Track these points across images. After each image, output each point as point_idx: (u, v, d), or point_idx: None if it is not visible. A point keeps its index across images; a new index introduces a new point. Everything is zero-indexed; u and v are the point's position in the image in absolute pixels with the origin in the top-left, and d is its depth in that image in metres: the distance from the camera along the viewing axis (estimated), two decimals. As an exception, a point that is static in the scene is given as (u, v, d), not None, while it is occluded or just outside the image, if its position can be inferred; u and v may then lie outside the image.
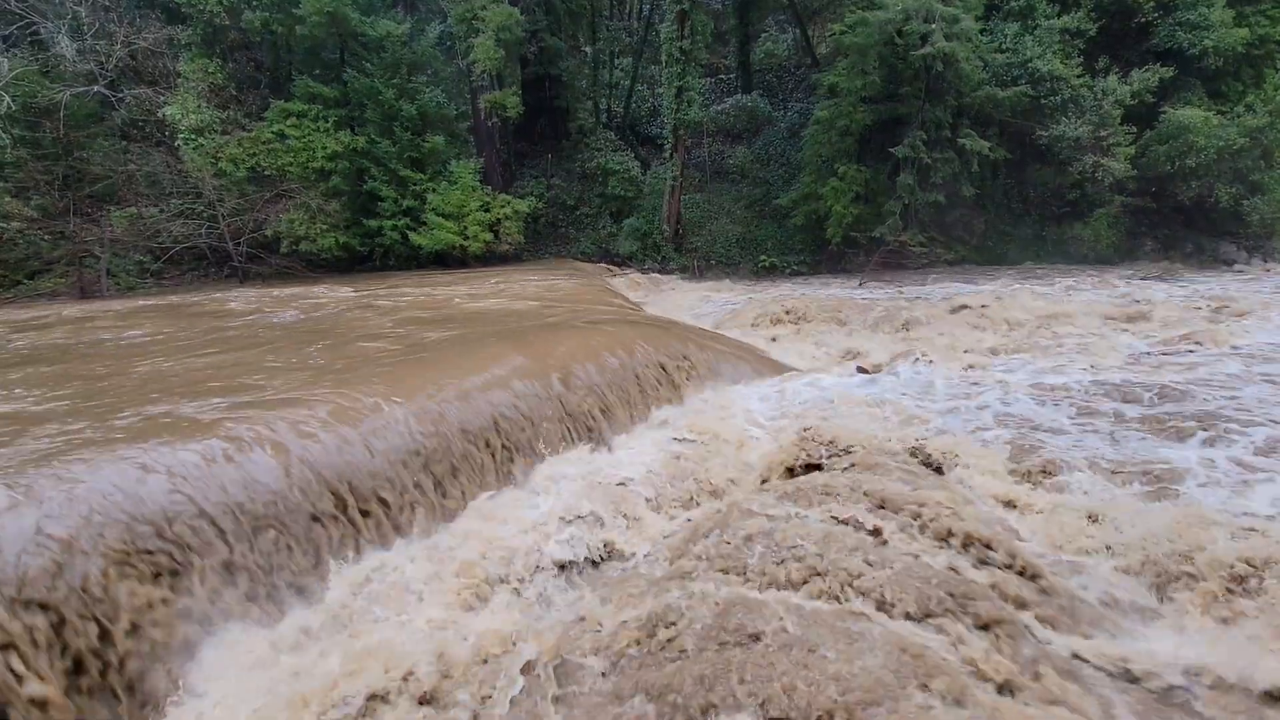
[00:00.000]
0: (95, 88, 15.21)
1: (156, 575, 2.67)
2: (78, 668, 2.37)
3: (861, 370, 7.34)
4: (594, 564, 3.56)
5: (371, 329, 7.44)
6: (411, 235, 17.91)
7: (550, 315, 8.38)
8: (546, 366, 5.18)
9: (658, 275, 19.77)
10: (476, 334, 6.47)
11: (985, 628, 2.58)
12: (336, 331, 7.43)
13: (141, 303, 12.71)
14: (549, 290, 12.24)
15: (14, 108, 13.67)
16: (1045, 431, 5.05)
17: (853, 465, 3.91)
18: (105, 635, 2.46)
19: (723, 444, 4.93)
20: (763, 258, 20.82)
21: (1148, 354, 7.72)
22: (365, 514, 3.43)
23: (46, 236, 14.91)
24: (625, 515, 3.85)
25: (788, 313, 11.15)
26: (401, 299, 11.10)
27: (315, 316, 9.22)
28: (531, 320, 7.88)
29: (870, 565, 2.84)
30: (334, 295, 12.09)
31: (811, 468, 4.05)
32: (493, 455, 4.24)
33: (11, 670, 2.19)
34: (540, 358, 5.29)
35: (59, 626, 2.36)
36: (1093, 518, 3.61)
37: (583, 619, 2.91)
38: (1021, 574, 2.97)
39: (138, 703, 2.49)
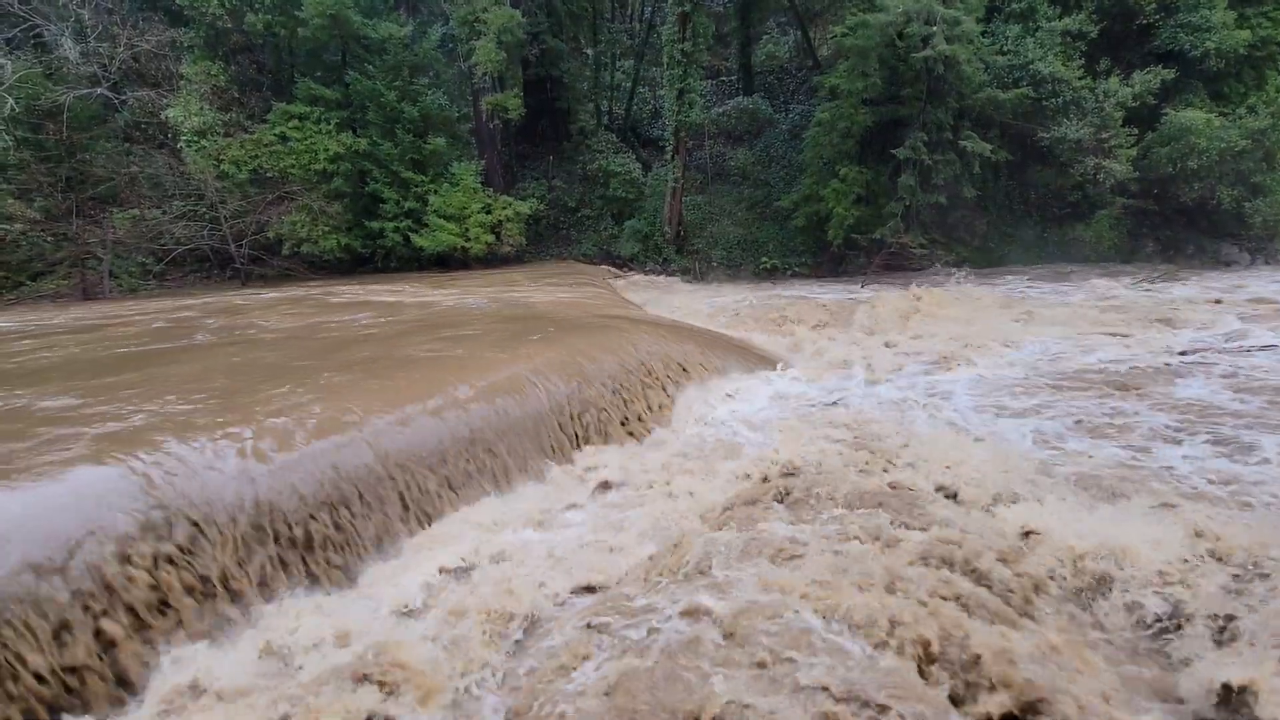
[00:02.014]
0: (98, 90, 15.26)
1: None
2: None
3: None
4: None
5: (574, 315, 9.17)
6: (413, 237, 17.94)
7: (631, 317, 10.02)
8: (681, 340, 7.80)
9: (659, 277, 19.79)
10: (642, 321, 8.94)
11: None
12: (549, 316, 9.02)
13: (286, 293, 13.52)
14: (590, 296, 13.11)
15: (17, 110, 13.72)
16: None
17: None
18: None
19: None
20: (764, 259, 20.81)
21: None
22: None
23: (49, 238, 14.95)
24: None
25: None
26: (497, 295, 12.14)
27: (506, 299, 11.12)
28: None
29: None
30: (440, 290, 13.38)
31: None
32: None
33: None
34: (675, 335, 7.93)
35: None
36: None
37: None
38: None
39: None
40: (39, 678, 2.52)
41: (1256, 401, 6.05)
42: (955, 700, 2.32)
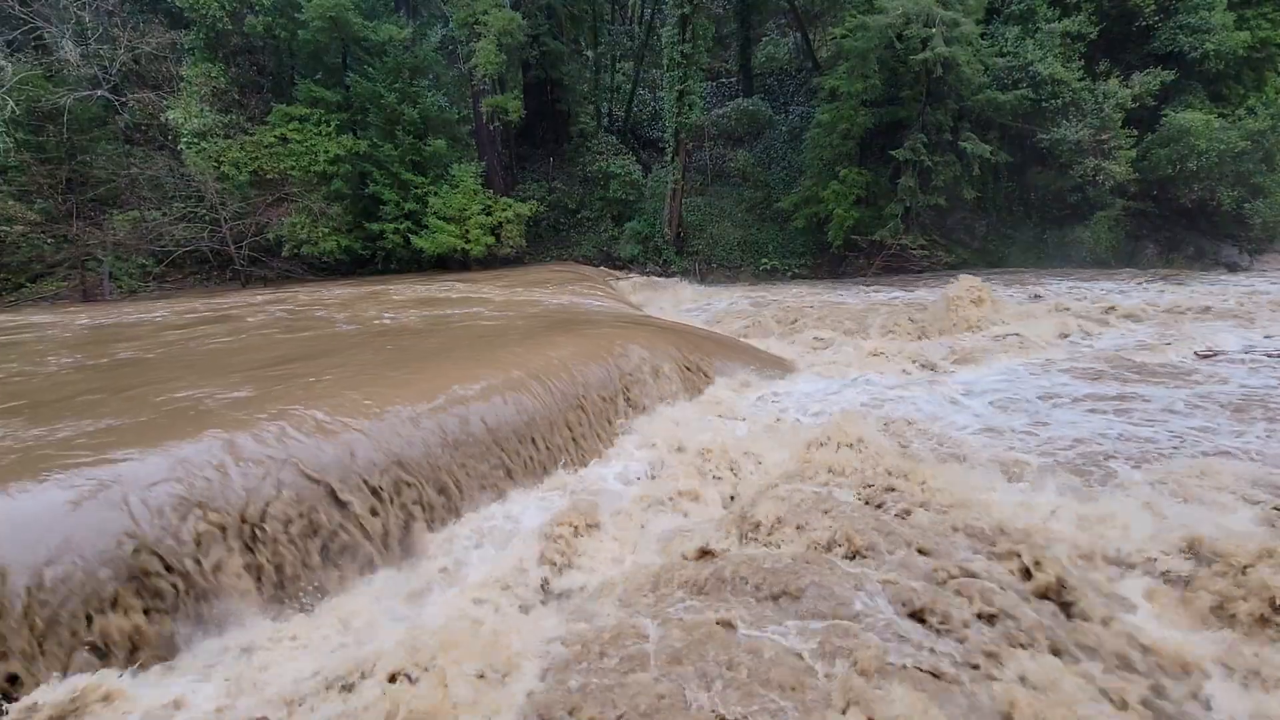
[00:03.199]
0: (99, 92, 15.28)
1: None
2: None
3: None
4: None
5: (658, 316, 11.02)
6: (413, 238, 17.95)
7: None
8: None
9: (660, 278, 19.79)
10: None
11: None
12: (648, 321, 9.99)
13: (353, 290, 13.69)
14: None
15: (18, 111, 13.75)
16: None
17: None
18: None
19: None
20: (764, 260, 20.83)
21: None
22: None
23: (49, 240, 14.96)
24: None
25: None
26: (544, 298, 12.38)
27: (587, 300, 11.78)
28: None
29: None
30: (497, 288, 13.74)
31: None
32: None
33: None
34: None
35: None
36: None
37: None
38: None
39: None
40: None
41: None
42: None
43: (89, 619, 2.66)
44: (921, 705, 2.23)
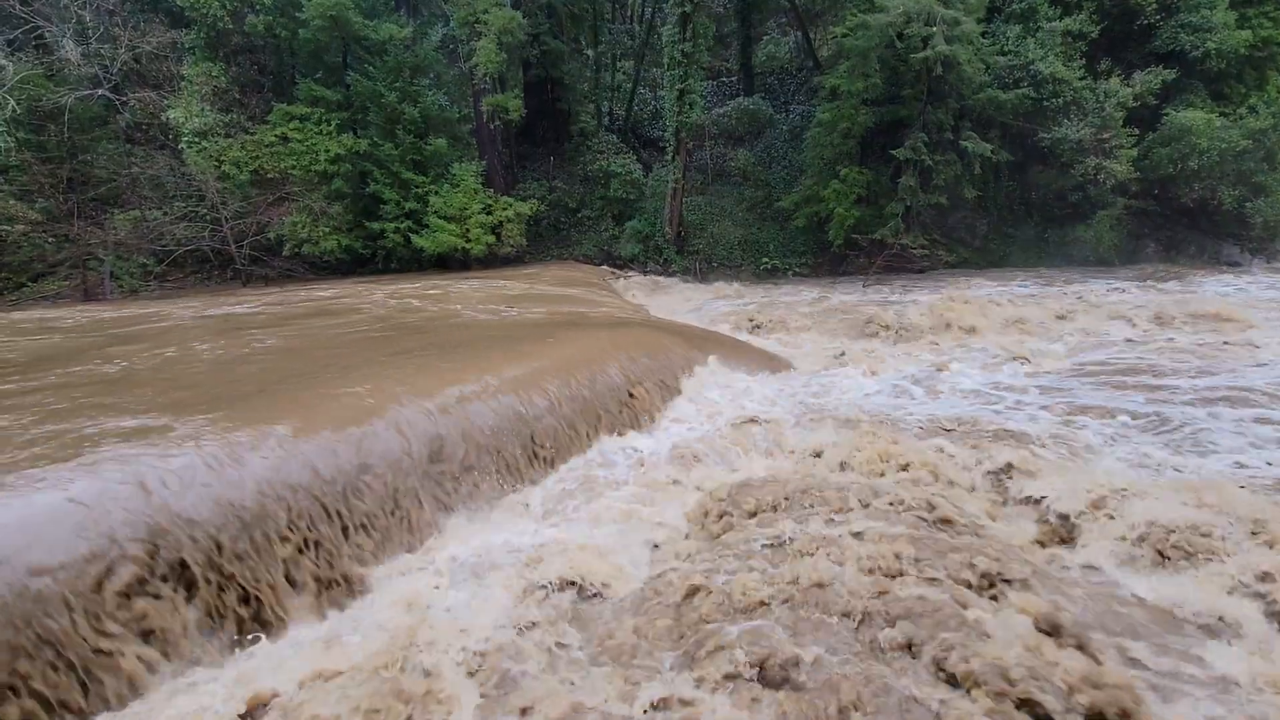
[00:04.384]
0: (99, 91, 15.29)
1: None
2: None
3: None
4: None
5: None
6: (414, 238, 17.95)
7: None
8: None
9: (660, 278, 19.79)
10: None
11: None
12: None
13: (410, 285, 14.01)
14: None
15: (19, 111, 13.75)
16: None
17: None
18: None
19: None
20: (765, 260, 20.82)
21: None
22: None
23: (50, 239, 14.97)
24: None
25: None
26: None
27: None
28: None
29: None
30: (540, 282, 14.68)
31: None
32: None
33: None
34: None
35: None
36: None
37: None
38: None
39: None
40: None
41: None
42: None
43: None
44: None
